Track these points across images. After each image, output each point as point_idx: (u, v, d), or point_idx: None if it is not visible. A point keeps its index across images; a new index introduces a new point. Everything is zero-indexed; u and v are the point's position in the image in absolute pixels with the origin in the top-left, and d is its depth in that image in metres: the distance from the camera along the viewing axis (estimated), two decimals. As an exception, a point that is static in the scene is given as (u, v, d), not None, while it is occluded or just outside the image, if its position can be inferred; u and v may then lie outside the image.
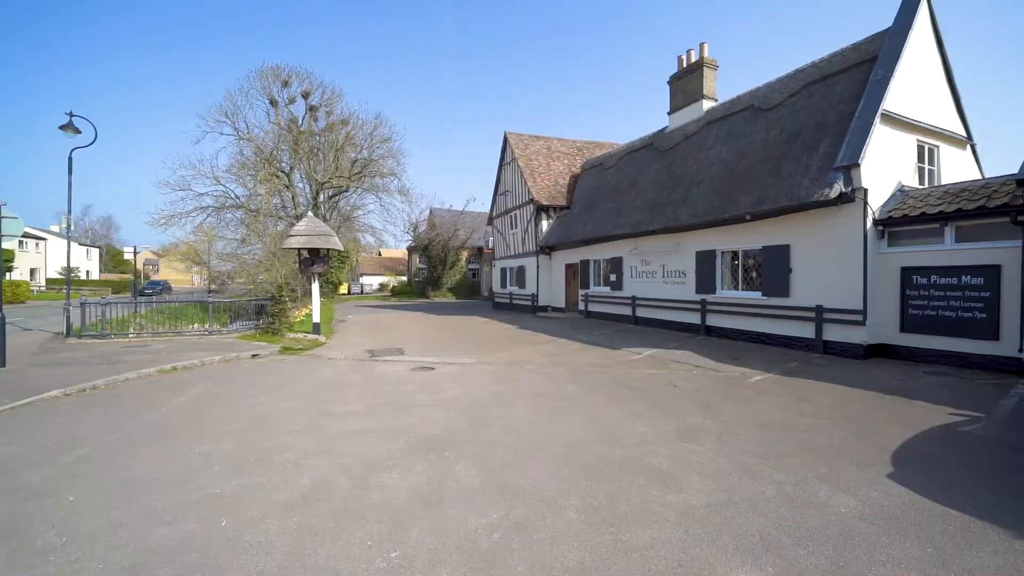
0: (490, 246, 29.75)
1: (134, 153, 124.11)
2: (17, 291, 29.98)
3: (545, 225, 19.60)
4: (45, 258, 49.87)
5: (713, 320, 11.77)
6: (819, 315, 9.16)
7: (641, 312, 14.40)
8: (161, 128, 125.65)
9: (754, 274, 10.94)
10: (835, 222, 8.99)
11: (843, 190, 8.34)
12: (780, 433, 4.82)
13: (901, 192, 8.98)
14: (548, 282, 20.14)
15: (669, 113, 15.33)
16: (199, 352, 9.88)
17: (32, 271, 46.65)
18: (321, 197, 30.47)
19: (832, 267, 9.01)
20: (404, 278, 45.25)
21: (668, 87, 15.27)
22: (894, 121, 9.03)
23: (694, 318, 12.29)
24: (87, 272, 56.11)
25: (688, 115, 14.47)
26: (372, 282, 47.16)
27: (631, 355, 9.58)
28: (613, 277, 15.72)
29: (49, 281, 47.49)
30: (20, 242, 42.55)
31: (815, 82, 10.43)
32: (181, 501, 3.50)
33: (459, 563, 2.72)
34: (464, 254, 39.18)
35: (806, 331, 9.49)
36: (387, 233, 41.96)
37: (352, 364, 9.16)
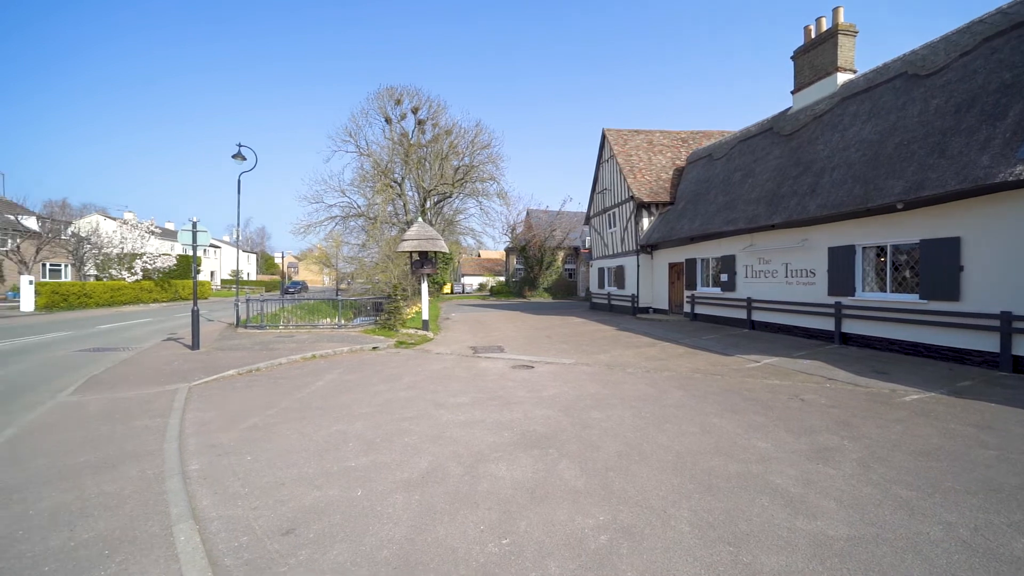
0: (587, 246, 29.34)
1: (285, 172, 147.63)
2: (203, 289, 38.33)
3: (646, 223, 18.73)
4: (220, 262, 61.92)
5: (850, 326, 10.16)
6: (1006, 324, 7.36)
7: (758, 316, 13.00)
8: (303, 147, 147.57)
9: (907, 273, 9.19)
10: (1030, 207, 7.15)
11: (1044, 166, 6.60)
12: (949, 464, 4.00)
13: None
14: (649, 282, 19.22)
15: (793, 92, 13.60)
16: (331, 344, 11.39)
17: (212, 273, 58.26)
18: (428, 203, 33.04)
19: (1025, 264, 7.18)
20: (502, 278, 46.83)
21: (792, 64, 13.57)
22: None
23: (825, 324, 10.74)
24: (247, 274, 68.22)
25: (818, 92, 12.69)
26: (472, 282, 49.72)
27: (747, 363, 8.72)
28: (724, 277, 14.43)
29: (223, 281, 58.97)
30: (204, 250, 53.42)
31: (1000, 34, 8.39)
32: (326, 470, 4.09)
33: (567, 559, 2.76)
34: (560, 254, 39.26)
35: (985, 343, 7.70)
36: (486, 235, 44.00)
37: (457, 359, 9.77)
